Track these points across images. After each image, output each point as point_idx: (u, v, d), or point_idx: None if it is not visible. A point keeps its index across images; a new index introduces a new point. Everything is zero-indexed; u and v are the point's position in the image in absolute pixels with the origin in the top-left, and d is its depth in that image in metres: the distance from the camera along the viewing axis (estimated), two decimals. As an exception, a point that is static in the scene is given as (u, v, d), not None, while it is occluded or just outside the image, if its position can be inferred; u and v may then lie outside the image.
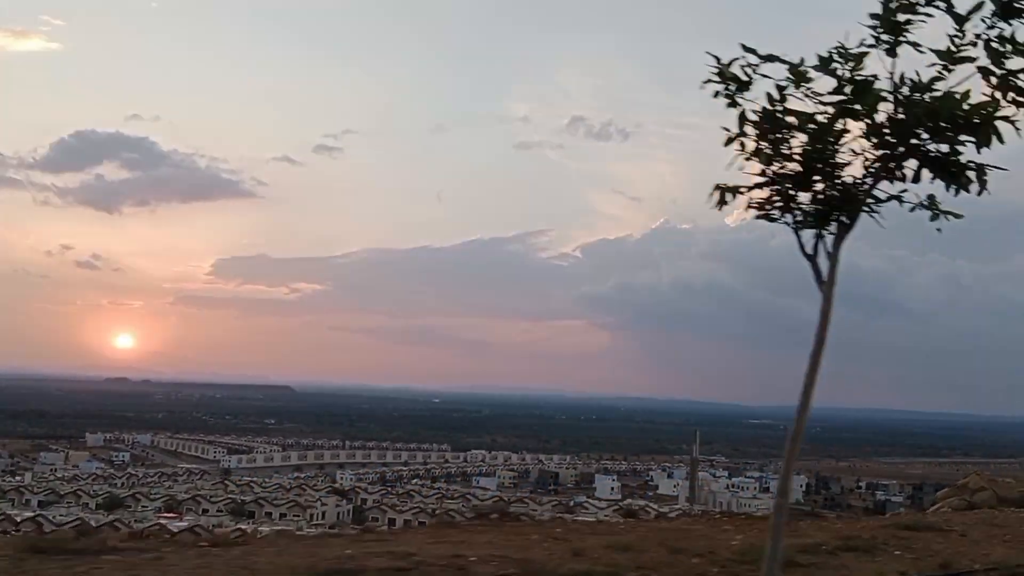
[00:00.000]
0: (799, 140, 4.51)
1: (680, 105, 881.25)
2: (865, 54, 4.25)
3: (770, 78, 4.48)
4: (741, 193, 4.73)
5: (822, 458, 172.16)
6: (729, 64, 4.53)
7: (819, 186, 4.57)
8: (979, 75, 4.06)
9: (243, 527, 36.66)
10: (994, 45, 4.04)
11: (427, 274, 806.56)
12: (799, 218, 4.70)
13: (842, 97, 4.27)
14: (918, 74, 4.13)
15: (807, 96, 4.41)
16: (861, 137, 4.40)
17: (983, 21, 3.95)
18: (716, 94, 4.59)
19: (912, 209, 4.49)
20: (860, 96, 4.23)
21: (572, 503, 71.91)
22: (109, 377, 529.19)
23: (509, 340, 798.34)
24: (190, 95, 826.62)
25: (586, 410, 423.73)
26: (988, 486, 18.93)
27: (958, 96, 3.97)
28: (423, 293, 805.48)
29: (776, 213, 4.74)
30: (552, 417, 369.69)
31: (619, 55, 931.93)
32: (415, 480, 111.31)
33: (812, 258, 4.61)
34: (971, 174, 4.24)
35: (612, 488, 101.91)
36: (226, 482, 78.15)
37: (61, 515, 58.91)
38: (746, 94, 4.57)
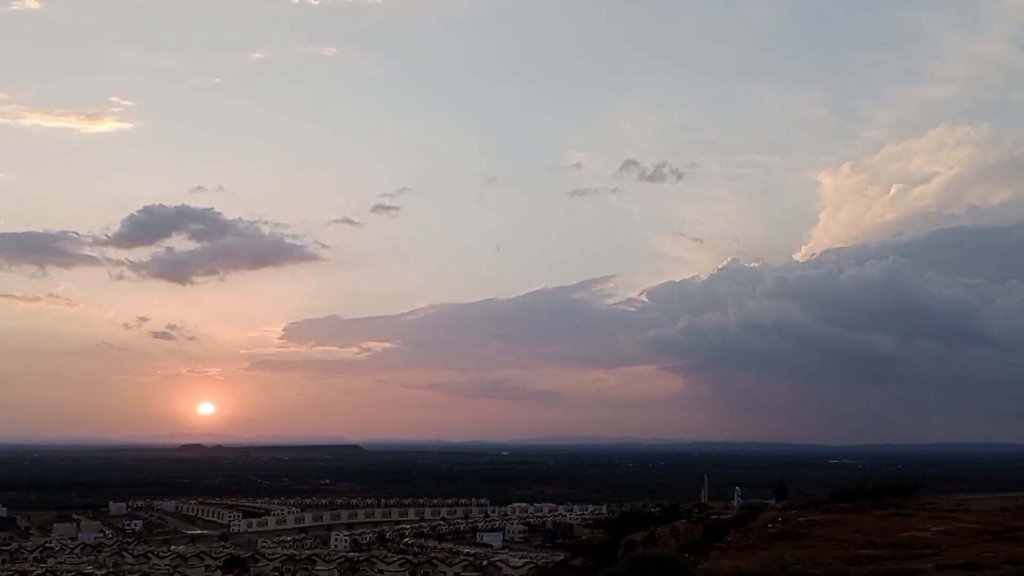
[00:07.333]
0: None
1: (737, 143, 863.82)
2: None
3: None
4: None
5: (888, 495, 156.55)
6: None
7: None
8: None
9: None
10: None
11: (494, 327, 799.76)
12: None
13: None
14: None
15: None
16: None
17: None
18: None
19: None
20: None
21: (485, 563, 61.96)
22: (184, 444, 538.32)
23: (580, 389, 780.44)
24: (250, 164, 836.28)
25: (659, 457, 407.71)
26: (672, 536, 16.07)
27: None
28: (491, 346, 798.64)
29: None
30: (620, 466, 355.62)
31: (672, 96, 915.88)
32: (405, 540, 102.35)
33: None
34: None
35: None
36: (123, 553, 70.62)
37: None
38: None
